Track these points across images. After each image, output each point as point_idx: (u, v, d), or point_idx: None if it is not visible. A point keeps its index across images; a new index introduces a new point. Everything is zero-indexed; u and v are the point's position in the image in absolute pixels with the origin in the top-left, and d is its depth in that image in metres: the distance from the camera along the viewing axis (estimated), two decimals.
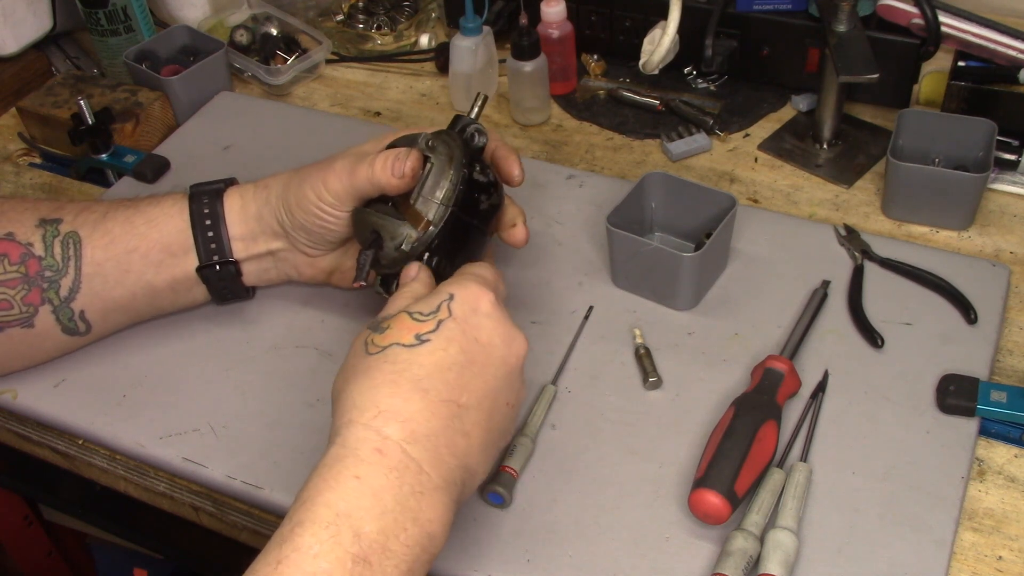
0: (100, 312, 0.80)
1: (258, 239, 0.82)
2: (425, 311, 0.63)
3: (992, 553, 0.69)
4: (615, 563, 0.68)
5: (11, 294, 0.77)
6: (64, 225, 0.79)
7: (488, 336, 0.64)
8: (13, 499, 1.32)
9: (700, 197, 0.86)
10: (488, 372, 0.63)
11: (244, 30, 1.21)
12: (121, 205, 0.82)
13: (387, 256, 0.74)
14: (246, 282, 0.84)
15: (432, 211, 0.73)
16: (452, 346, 0.62)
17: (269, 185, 0.81)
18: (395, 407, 0.58)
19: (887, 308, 0.83)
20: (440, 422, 0.59)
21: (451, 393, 0.60)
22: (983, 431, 0.75)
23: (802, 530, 0.69)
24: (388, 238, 0.74)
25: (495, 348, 0.64)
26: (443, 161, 0.74)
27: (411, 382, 0.59)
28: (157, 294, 0.82)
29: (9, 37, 1.21)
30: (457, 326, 0.62)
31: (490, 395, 0.63)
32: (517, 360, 0.65)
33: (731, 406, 0.74)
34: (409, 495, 0.56)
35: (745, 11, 1.05)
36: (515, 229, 0.79)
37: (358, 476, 0.56)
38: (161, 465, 0.78)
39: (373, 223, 0.75)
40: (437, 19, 1.26)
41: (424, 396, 0.59)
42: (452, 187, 0.73)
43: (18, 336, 0.79)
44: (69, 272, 0.78)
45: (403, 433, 0.58)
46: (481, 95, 0.78)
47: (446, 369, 0.61)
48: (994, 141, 0.91)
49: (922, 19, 0.97)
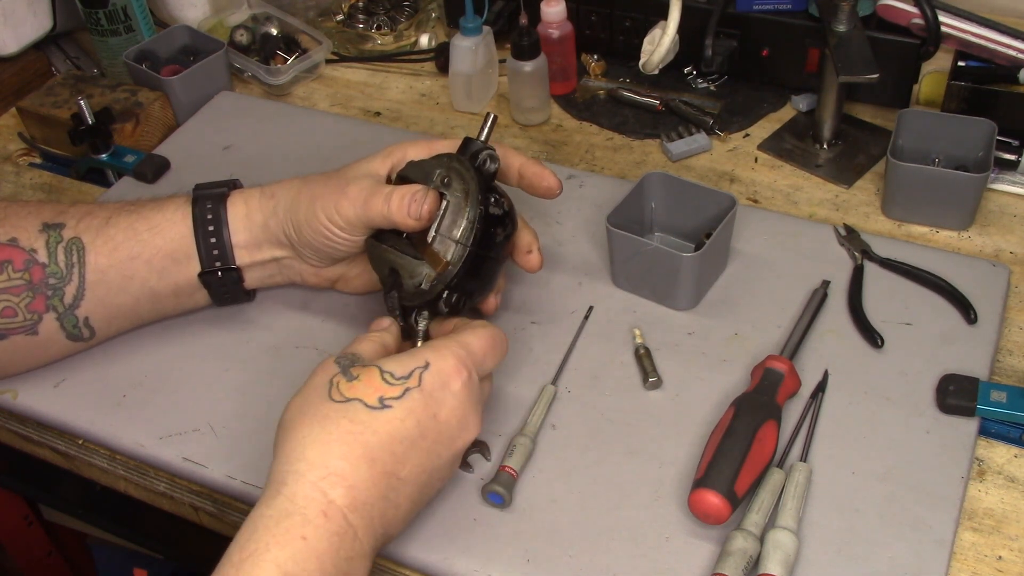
0: (104, 318, 0.80)
1: (262, 247, 0.81)
2: (397, 374, 0.64)
3: (992, 553, 0.69)
4: (615, 563, 0.68)
5: (15, 301, 0.77)
6: (67, 231, 0.79)
7: (447, 415, 0.65)
8: (13, 499, 1.32)
9: (700, 197, 0.86)
10: (434, 450, 0.65)
11: (244, 30, 1.21)
12: (124, 210, 0.81)
13: (407, 293, 0.74)
14: (248, 286, 0.84)
15: (451, 252, 0.72)
16: (410, 418, 0.63)
17: (276, 194, 0.80)
18: (343, 471, 0.61)
19: (887, 308, 0.83)
20: (378, 492, 0.62)
21: (395, 466, 0.63)
22: (983, 431, 0.75)
23: (802, 530, 0.69)
24: (407, 276, 0.74)
25: (449, 428, 0.65)
26: (459, 199, 0.73)
27: (362, 448, 0.61)
28: (160, 299, 0.82)
29: (9, 37, 1.21)
30: (422, 398, 0.64)
31: (427, 471, 0.65)
32: (463, 444, 0.67)
33: (731, 406, 0.74)
34: (344, 559, 0.59)
35: (745, 11, 1.05)
36: (531, 256, 0.80)
37: (304, 537, 0.58)
38: (161, 465, 0.78)
39: (391, 261, 0.74)
40: (437, 19, 1.26)
41: (371, 466, 0.62)
42: (470, 225, 0.72)
43: (22, 343, 0.79)
44: (73, 279, 0.78)
45: (346, 500, 0.60)
46: (491, 116, 0.77)
47: (397, 441, 0.63)
48: (994, 141, 0.91)
49: (922, 19, 0.97)
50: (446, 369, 0.65)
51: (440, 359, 0.66)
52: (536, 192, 0.80)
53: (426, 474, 0.65)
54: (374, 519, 0.62)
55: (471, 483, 0.73)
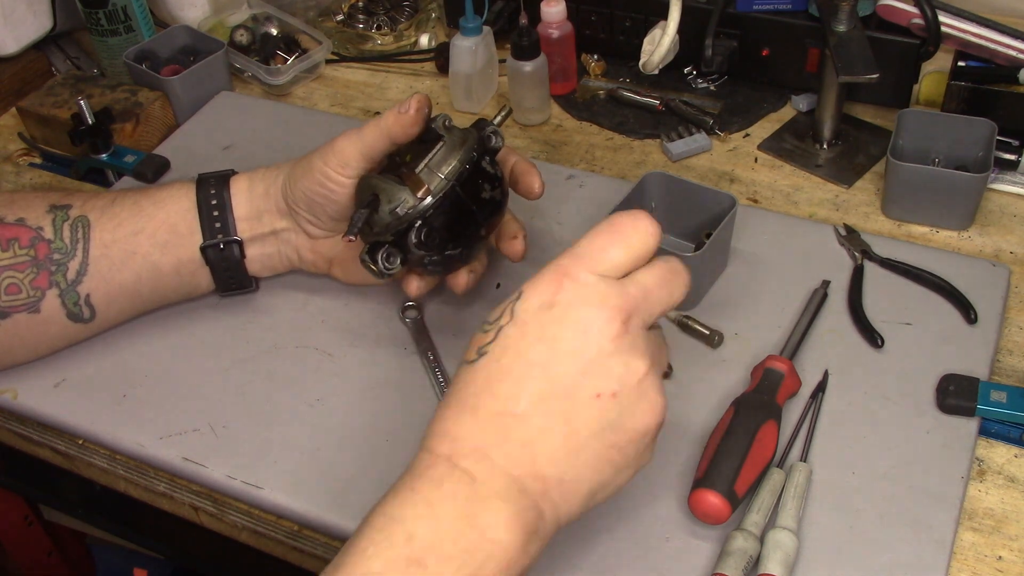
0: (105, 297, 0.81)
1: (262, 217, 0.82)
2: (491, 319, 0.59)
3: (992, 553, 0.69)
4: (615, 563, 0.68)
5: (20, 277, 0.78)
6: (74, 210, 0.81)
7: (555, 331, 0.56)
8: (13, 499, 1.32)
9: (700, 197, 0.86)
10: (553, 371, 0.56)
11: (244, 30, 1.21)
12: (130, 191, 0.84)
13: (380, 220, 0.74)
14: (250, 270, 0.84)
15: (434, 182, 0.74)
16: (506, 355, 0.57)
17: (280, 166, 0.83)
18: (446, 430, 0.57)
19: (887, 308, 0.83)
20: (492, 436, 0.56)
21: (504, 405, 0.56)
22: (983, 431, 0.75)
23: (802, 530, 0.69)
24: (385, 201, 0.74)
25: (563, 342, 0.56)
26: (455, 141, 0.75)
27: (460, 402, 0.58)
28: (162, 277, 0.82)
29: (9, 37, 1.21)
30: (517, 330, 0.57)
31: (559, 395, 0.56)
32: (600, 342, 0.56)
33: (731, 406, 0.74)
34: (464, 502, 0.55)
35: (745, 11, 1.05)
36: (515, 241, 0.80)
37: (413, 488, 0.56)
38: (161, 465, 0.78)
39: (374, 186, 0.75)
40: (437, 19, 1.26)
41: (473, 414, 0.57)
42: (459, 165, 0.74)
43: (23, 323, 0.79)
44: (77, 255, 0.79)
45: (451, 450, 0.56)
46: (507, 107, 0.81)
47: (496, 382, 0.57)
48: (994, 141, 0.91)
49: (922, 19, 0.97)
50: (541, 288, 0.57)
51: (532, 283, 0.58)
52: (518, 187, 0.81)
53: (557, 399, 0.56)
54: (495, 460, 0.56)
55: None
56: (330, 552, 0.74)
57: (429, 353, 0.82)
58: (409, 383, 0.81)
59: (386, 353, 0.83)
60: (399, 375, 0.82)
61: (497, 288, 0.88)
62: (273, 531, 0.76)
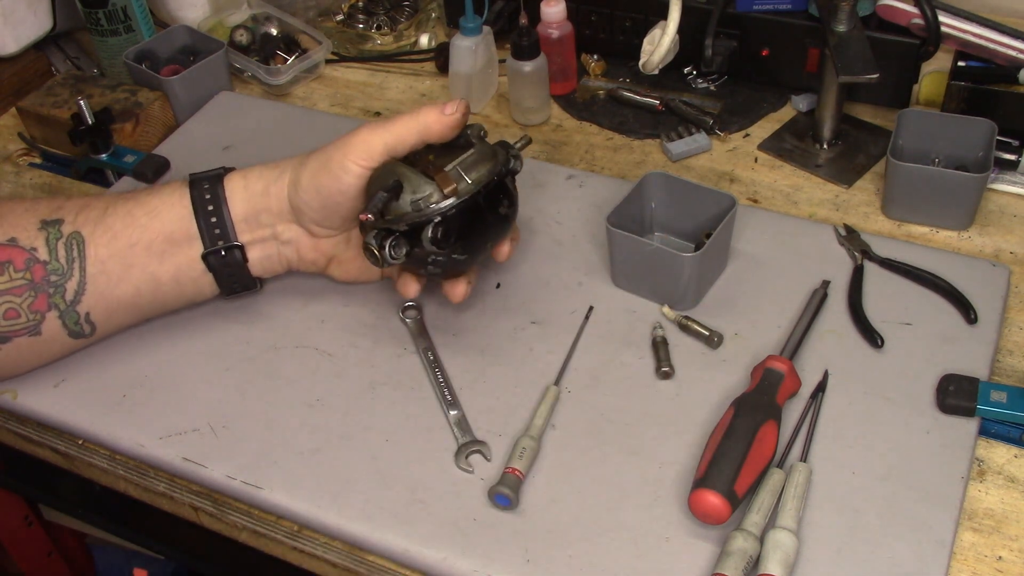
0: (104, 312, 0.80)
1: (261, 217, 0.81)
2: None
3: (992, 553, 0.69)
4: (615, 563, 0.68)
5: (17, 302, 0.77)
6: (66, 226, 0.79)
7: None
8: (13, 499, 1.32)
9: (700, 197, 0.86)
10: None
11: (244, 30, 1.21)
12: (121, 199, 0.81)
13: (399, 208, 0.74)
14: (251, 271, 0.83)
15: (463, 183, 0.74)
16: None
17: (280, 164, 0.81)
18: None
19: (887, 308, 0.83)
20: None
21: None
22: (983, 431, 0.75)
23: (802, 530, 0.69)
24: (409, 190, 0.74)
25: None
26: (486, 152, 0.76)
27: None
28: (161, 287, 0.81)
29: (9, 37, 1.21)
30: None
31: None
32: None
33: (731, 406, 0.74)
34: None
35: (745, 11, 1.05)
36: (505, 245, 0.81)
37: None
38: (161, 465, 0.78)
39: (400, 173, 0.75)
40: (437, 19, 1.26)
41: None
42: (488, 174, 0.75)
43: (25, 344, 0.79)
44: (74, 274, 0.78)
45: None
46: (526, 136, 0.83)
47: None
48: (994, 141, 0.91)
49: (922, 19, 0.97)
50: None
51: None
52: None
53: None
54: None
55: (472, 484, 0.73)
56: (330, 552, 0.74)
57: (429, 353, 0.82)
58: (409, 383, 0.81)
59: (386, 353, 0.83)
60: (399, 375, 0.82)
61: (497, 288, 0.88)
62: (273, 531, 0.76)
